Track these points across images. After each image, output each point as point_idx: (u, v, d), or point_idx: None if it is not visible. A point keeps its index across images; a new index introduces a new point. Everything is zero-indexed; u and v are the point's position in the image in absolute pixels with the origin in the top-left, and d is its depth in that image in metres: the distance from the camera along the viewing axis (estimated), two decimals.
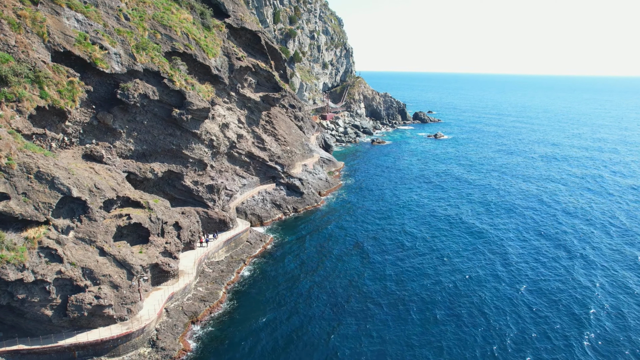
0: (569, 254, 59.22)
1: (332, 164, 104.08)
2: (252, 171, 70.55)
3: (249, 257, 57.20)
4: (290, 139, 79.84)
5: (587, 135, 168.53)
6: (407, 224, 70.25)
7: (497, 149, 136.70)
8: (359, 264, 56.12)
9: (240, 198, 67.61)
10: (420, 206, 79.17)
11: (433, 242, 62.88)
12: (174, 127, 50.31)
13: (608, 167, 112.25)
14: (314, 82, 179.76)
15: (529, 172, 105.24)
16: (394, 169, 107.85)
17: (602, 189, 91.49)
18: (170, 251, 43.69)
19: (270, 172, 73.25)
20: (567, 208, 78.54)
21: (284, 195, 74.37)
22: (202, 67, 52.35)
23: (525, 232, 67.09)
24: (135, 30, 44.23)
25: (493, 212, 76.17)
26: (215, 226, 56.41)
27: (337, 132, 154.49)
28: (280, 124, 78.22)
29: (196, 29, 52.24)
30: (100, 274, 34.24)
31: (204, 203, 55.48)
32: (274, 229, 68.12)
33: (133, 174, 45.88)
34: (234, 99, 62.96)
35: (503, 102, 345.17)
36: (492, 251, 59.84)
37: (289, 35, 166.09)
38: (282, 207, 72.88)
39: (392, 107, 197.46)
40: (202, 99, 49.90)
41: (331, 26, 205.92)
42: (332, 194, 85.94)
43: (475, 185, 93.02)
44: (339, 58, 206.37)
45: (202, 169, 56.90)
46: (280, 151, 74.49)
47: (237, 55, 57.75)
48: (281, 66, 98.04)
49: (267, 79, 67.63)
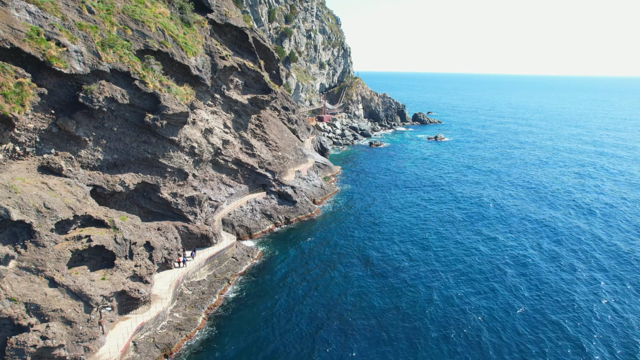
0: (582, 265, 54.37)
1: (328, 169, 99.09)
2: (240, 179, 65.49)
3: (234, 276, 52.13)
4: (283, 144, 74.80)
5: (588, 137, 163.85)
6: (407, 236, 65.26)
7: (501, 152, 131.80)
8: (354, 284, 51.08)
9: (227, 209, 62.54)
10: (422, 215, 74.18)
11: (437, 257, 57.87)
12: (148, 133, 45.24)
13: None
14: (310, 82, 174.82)
15: (538, 179, 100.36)
16: (393, 174, 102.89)
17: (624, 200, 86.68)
18: (140, 275, 38.63)
19: (260, 180, 68.19)
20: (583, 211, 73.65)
21: (275, 205, 69.32)
22: (181, 67, 47.30)
23: (541, 248, 62.15)
24: (100, 26, 39.15)
25: (502, 222, 71.23)
26: (196, 242, 51.35)
27: (334, 135, 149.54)
28: (272, 127, 73.18)
29: (174, 25, 47.19)
30: (49, 308, 29.16)
31: (184, 217, 50.41)
32: (264, 241, 63.10)
33: (100, 187, 40.77)
34: (218, 102, 57.89)
35: (502, 102, 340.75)
36: (506, 265, 54.93)
37: (285, 35, 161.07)
38: (273, 218, 67.84)
39: (390, 108, 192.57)
40: (180, 102, 44.84)
41: (328, 25, 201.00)
42: (328, 202, 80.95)
43: (481, 192, 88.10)
44: (337, 58, 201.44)
45: (182, 178, 51.85)
46: (271, 157, 69.44)
47: (221, 54, 52.69)
48: (274, 66, 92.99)
49: (255, 80, 62.55)
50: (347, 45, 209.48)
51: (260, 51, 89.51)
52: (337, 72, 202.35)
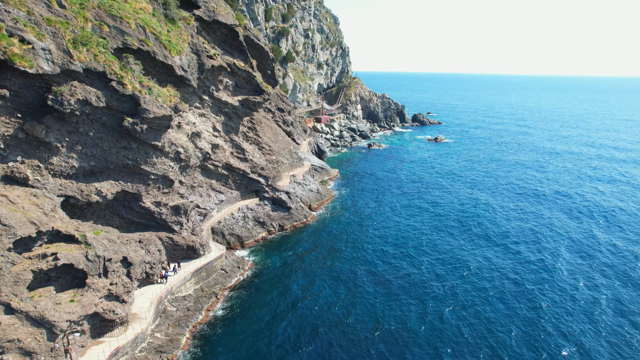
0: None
1: (325, 172, 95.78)
2: (232, 185, 62.14)
3: (222, 290, 48.80)
4: (277, 147, 71.46)
5: (587, 139, 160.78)
6: (407, 244, 61.97)
7: (502, 154, 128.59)
8: (354, 298, 47.74)
9: (217, 216, 59.20)
10: (422, 222, 70.92)
11: (438, 267, 54.58)
12: (128, 138, 41.87)
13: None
14: (308, 82, 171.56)
15: (544, 184, 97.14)
16: (392, 178, 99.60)
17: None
18: (116, 294, 35.30)
19: (252, 186, 64.84)
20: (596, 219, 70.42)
21: (269, 211, 65.99)
22: (164, 66, 43.94)
23: (551, 260, 58.90)
24: (73, 21, 35.78)
25: (505, 231, 67.96)
26: (182, 254, 48.00)
27: (332, 136, 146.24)
28: (265, 130, 69.85)
29: (156, 22, 43.84)
30: (3, 339, 25.82)
31: (169, 227, 47.04)
32: (256, 250, 59.78)
33: (73, 197, 37.39)
34: (207, 104, 54.55)
35: (502, 103, 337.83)
36: (513, 282, 51.67)
37: (282, 34, 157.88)
38: (266, 225, 64.52)
39: (390, 109, 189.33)
40: (162, 105, 41.49)
41: (326, 24, 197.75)
42: (324, 207, 77.63)
43: (483, 196, 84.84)
44: (335, 58, 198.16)
45: (168, 186, 48.49)
46: (264, 161, 66.09)
47: (209, 52, 49.33)
48: (268, 66, 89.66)
49: (247, 81, 59.19)
50: (345, 44, 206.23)
51: (254, 50, 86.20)
52: (336, 72, 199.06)
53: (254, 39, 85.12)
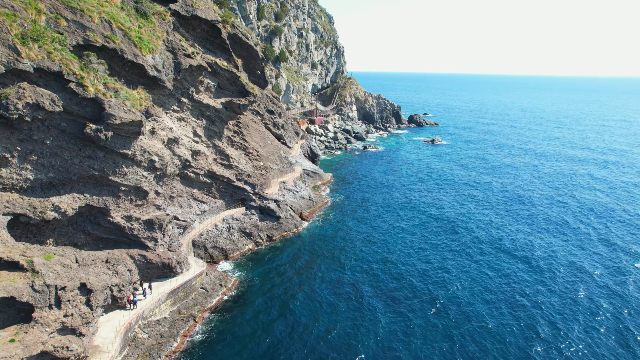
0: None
1: (318, 177, 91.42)
2: (215, 194, 57.64)
3: (202, 312, 44.27)
4: (265, 152, 67.02)
5: (581, 140, 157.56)
6: (404, 257, 57.69)
7: (499, 157, 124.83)
8: (347, 320, 43.39)
9: (199, 228, 54.69)
10: (420, 232, 66.69)
11: (438, 283, 50.35)
12: (93, 147, 37.32)
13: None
14: (302, 83, 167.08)
15: (546, 189, 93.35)
16: (388, 182, 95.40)
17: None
18: (72, 326, 30.75)
19: (238, 194, 60.36)
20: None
21: (256, 221, 61.52)
22: (134, 66, 39.41)
23: (554, 276, 54.88)
24: (21, 13, 31.24)
25: (511, 241, 63.93)
26: (157, 272, 43.47)
27: (326, 138, 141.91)
28: (253, 134, 65.38)
29: (125, 16, 39.34)
30: None
31: (142, 243, 42.52)
32: (242, 264, 55.33)
33: (23, 215, 32.81)
34: (186, 107, 50.01)
35: (499, 103, 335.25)
36: (518, 302, 47.54)
37: (275, 33, 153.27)
38: (254, 236, 60.07)
39: (385, 110, 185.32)
40: (131, 109, 36.96)
41: (321, 24, 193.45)
42: (316, 215, 73.24)
43: (486, 203, 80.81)
44: (329, 57, 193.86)
45: (141, 197, 43.95)
46: (251, 168, 61.63)
47: (186, 51, 44.84)
48: (258, 65, 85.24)
49: (230, 81, 54.68)
50: (340, 44, 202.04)
51: (242, 49, 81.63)
52: (330, 72, 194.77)
53: (242, 37, 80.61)
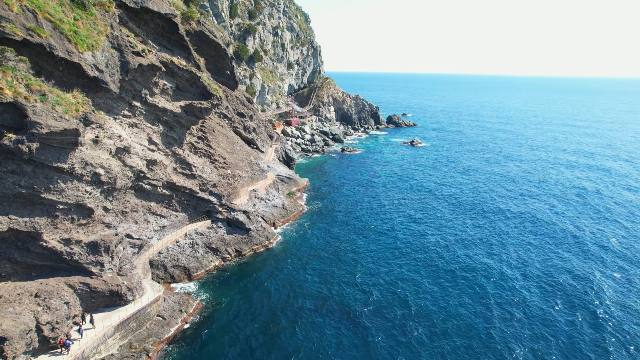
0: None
1: (293, 183, 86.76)
2: (176, 207, 52.28)
3: (157, 344, 39.07)
4: (233, 159, 61.93)
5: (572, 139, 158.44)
6: (386, 270, 53.70)
7: (482, 158, 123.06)
8: (325, 347, 38.95)
9: (158, 246, 49.26)
10: (403, 240, 62.92)
11: (424, 298, 46.51)
12: (18, 160, 31.70)
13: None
14: (277, 83, 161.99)
15: (524, 188, 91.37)
16: (367, 187, 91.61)
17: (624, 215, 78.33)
18: None
19: (202, 206, 55.14)
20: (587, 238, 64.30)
21: (223, 235, 56.44)
22: (69, 65, 33.93)
23: (534, 277, 51.94)
24: None
25: (490, 242, 60.88)
26: (104, 301, 38.03)
27: (303, 140, 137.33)
28: (219, 139, 60.19)
29: (56, 6, 33.84)
30: None
31: (85, 269, 37.01)
32: (207, 283, 50.21)
33: None
34: (139, 112, 44.57)
35: (475, 103, 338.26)
36: (502, 306, 44.16)
37: (248, 32, 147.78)
38: (220, 252, 54.99)
39: (364, 111, 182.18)
40: (63, 115, 31.51)
41: (297, 22, 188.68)
42: (291, 225, 68.63)
43: (467, 207, 77.90)
44: (306, 57, 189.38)
45: (85, 215, 38.43)
46: (217, 177, 56.49)
47: (135, 48, 39.54)
48: (227, 65, 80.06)
49: (190, 83, 49.46)
50: (317, 43, 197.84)
51: (209, 47, 76.32)
52: (307, 72, 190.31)
53: (209, 35, 75.30)
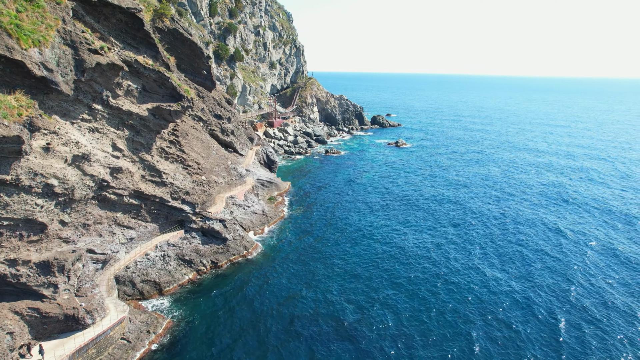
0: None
1: (275, 187, 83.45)
2: (145, 217, 48.48)
3: None
4: (209, 164, 58.35)
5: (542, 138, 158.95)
6: (374, 278, 50.91)
7: (468, 158, 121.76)
8: None
9: (125, 260, 45.42)
10: (388, 242, 60.26)
11: (414, 313, 43.85)
12: None
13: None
14: (259, 84, 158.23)
15: (512, 189, 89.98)
16: (352, 190, 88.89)
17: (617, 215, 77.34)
18: None
19: (174, 215, 51.43)
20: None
21: (198, 246, 52.84)
22: (10, 63, 30.04)
23: (528, 284, 49.91)
24: None
25: (482, 248, 58.77)
26: (58, 327, 34.17)
27: (285, 142, 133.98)
28: (193, 144, 56.55)
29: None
30: None
31: (35, 292, 33.13)
32: (180, 299, 46.59)
33: None
34: (100, 115, 40.70)
35: (458, 102, 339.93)
36: (494, 316, 41.84)
37: (229, 31, 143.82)
38: (195, 264, 51.41)
39: (348, 111, 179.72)
40: (2, 121, 27.66)
41: (279, 21, 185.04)
42: (271, 232, 65.37)
43: (453, 210, 75.79)
44: (289, 57, 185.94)
45: (37, 231, 34.54)
46: (191, 184, 52.86)
47: (92, 45, 35.77)
48: (203, 65, 76.28)
49: (159, 83, 45.71)
50: (299, 43, 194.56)
51: (184, 46, 72.51)
52: (290, 72, 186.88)
53: (184, 33, 71.50)
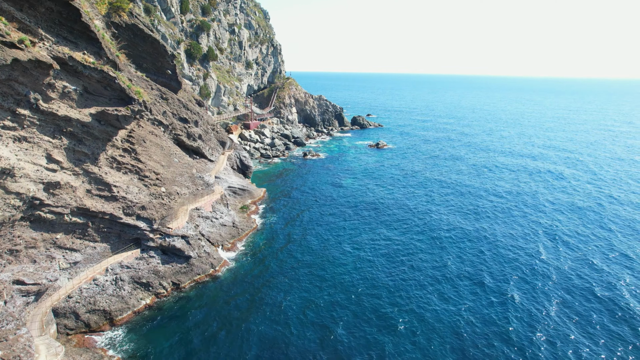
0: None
1: (248, 194, 78.07)
2: (94, 236, 42.55)
3: None
4: (170, 174, 52.63)
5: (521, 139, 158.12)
6: (355, 296, 46.23)
7: (451, 160, 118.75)
8: None
9: (67, 288, 39.43)
10: (371, 259, 55.74)
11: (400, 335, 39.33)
12: None
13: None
14: (235, 84, 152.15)
15: (497, 190, 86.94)
16: (331, 197, 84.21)
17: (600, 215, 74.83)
18: None
19: (128, 233, 45.60)
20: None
21: (157, 266, 47.14)
22: None
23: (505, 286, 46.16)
24: None
25: (478, 261, 54.90)
26: None
27: (262, 145, 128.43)
28: (152, 151, 50.74)
29: None
30: None
31: None
32: (134, 329, 40.90)
33: None
34: (29, 122, 34.74)
35: (437, 102, 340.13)
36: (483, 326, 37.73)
37: (202, 29, 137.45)
38: (153, 286, 45.73)
39: (327, 112, 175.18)
40: None
41: (255, 19, 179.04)
42: (243, 246, 60.03)
43: (437, 214, 71.96)
44: (266, 56, 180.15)
45: None
46: (148, 197, 47.11)
47: (6, 37, 29.77)
48: (167, 64, 70.43)
49: (104, 85, 39.85)
50: (277, 42, 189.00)
51: (145, 44, 66.65)
52: (267, 72, 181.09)
53: (145, 29, 65.68)
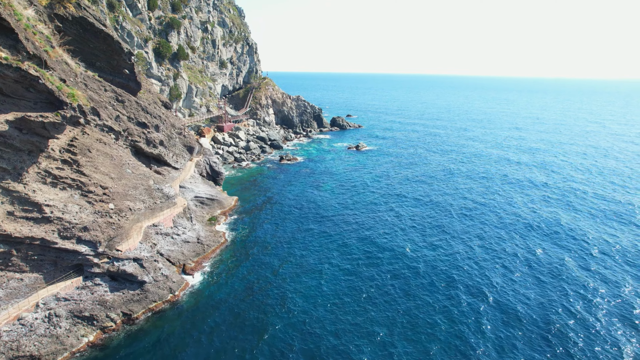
0: None
1: (217, 204, 71.75)
2: (21, 266, 35.77)
3: None
4: (121, 187, 46.02)
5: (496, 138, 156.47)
6: (334, 322, 40.77)
7: (433, 162, 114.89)
8: None
9: None
10: (350, 269, 50.41)
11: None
12: None
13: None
14: (208, 84, 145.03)
15: (480, 195, 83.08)
16: (308, 204, 78.65)
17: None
18: None
19: (67, 260, 38.92)
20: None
21: (104, 295, 40.59)
22: None
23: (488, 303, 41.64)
24: None
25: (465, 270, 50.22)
26: None
27: (236, 149, 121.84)
28: (99, 162, 44.04)
29: None
30: None
31: None
32: None
33: None
34: None
35: (417, 102, 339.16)
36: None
37: (171, 26, 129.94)
38: (99, 319, 39.19)
39: (306, 113, 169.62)
40: None
41: (229, 17, 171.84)
42: (208, 264, 53.82)
43: (421, 221, 67.29)
44: (241, 55, 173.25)
45: None
46: (92, 215, 40.49)
47: None
48: (124, 63, 63.66)
49: (25, 85, 33.21)
50: (252, 40, 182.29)
51: (97, 40, 59.82)
52: (242, 71, 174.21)
53: (95, 23, 58.77)
